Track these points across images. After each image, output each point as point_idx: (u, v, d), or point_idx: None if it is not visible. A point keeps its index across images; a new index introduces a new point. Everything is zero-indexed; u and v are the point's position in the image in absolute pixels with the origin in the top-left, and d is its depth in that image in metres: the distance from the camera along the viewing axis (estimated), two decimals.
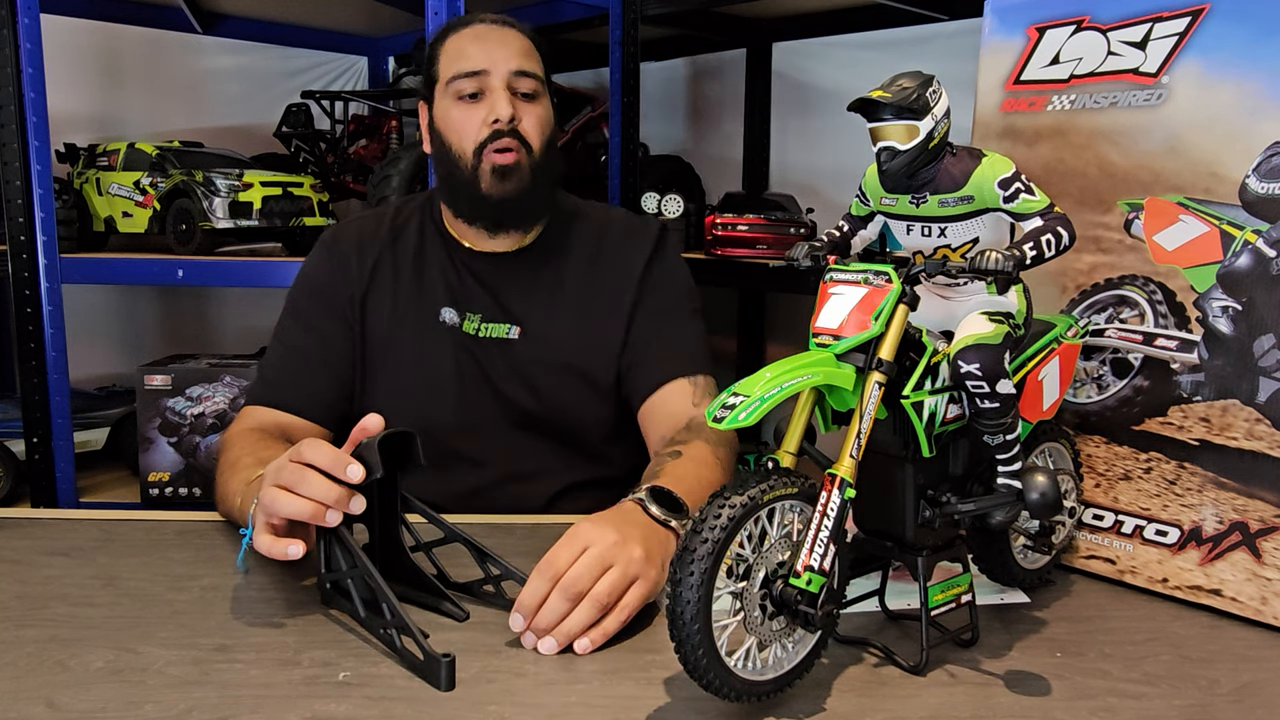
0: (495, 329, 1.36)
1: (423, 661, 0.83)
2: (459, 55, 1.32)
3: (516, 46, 1.33)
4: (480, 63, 1.30)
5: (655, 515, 0.98)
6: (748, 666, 0.75)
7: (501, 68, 1.30)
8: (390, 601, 0.86)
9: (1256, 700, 0.83)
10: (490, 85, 1.30)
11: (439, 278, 1.38)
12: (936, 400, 0.83)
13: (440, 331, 1.36)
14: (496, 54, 1.31)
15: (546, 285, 1.39)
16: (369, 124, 2.36)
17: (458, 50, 1.33)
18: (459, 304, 1.37)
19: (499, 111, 1.29)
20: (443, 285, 1.38)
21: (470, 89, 1.30)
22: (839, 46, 2.40)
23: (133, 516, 1.23)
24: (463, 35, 1.34)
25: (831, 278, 0.82)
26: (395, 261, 1.39)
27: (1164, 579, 1.03)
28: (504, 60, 1.30)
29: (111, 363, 2.56)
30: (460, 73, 1.30)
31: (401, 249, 1.40)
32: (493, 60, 1.30)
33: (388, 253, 1.40)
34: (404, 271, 1.39)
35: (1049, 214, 0.83)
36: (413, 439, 0.95)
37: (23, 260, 1.90)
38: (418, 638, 0.83)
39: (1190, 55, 1.00)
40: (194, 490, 2.04)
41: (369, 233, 1.42)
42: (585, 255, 1.40)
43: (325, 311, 1.38)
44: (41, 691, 0.79)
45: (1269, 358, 0.96)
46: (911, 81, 0.82)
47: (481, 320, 1.36)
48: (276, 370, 1.38)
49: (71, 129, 2.32)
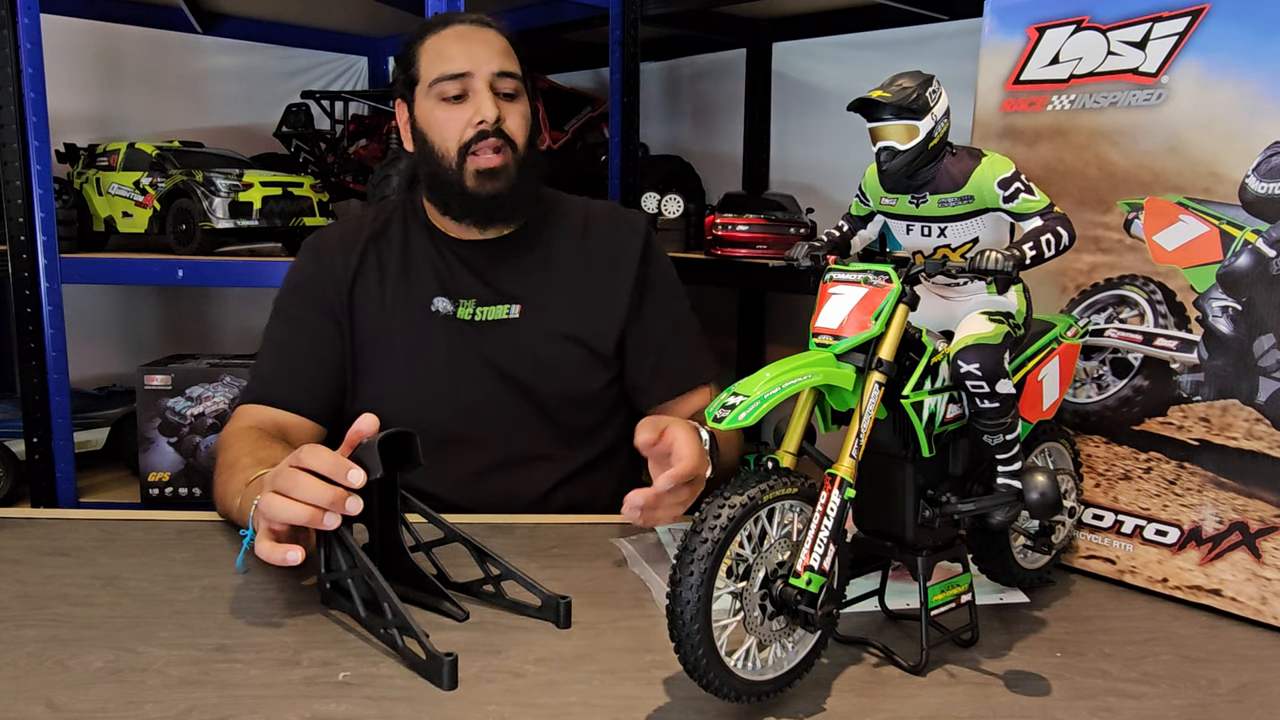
0: (493, 311, 1.38)
1: (425, 661, 0.83)
2: (441, 56, 1.33)
3: (497, 47, 1.34)
4: (463, 64, 1.31)
5: (709, 450, 1.14)
6: (748, 666, 0.75)
7: (484, 69, 1.32)
8: (391, 601, 0.86)
9: (1256, 700, 0.83)
10: (474, 87, 1.32)
11: (427, 269, 1.40)
12: (936, 400, 0.83)
13: (433, 321, 1.38)
14: (479, 55, 1.32)
15: (537, 264, 1.41)
16: (369, 124, 2.36)
17: (439, 51, 1.34)
18: (450, 292, 1.39)
19: (484, 113, 1.31)
20: (432, 276, 1.40)
21: (454, 91, 1.32)
22: (839, 46, 2.40)
23: (133, 516, 1.23)
24: (443, 36, 1.35)
25: (831, 278, 0.82)
26: (380, 258, 1.41)
27: (1164, 579, 1.03)
28: (486, 61, 1.32)
29: (111, 363, 2.56)
30: (444, 75, 1.32)
31: (386, 245, 1.42)
32: (475, 62, 1.32)
33: (372, 250, 1.41)
34: (390, 266, 1.40)
35: (1049, 214, 0.83)
36: (412, 439, 0.95)
37: (23, 260, 1.90)
38: (420, 637, 0.83)
39: (1190, 55, 1.00)
40: (194, 490, 2.04)
41: (350, 233, 1.44)
42: (572, 235, 1.44)
43: (313, 309, 1.39)
44: (41, 691, 0.79)
45: (1269, 358, 0.96)
46: (911, 81, 0.82)
47: (476, 305, 1.38)
48: (269, 369, 1.39)
49: (71, 129, 2.32)
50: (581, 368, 1.40)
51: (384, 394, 1.36)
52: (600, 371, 1.41)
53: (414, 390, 1.37)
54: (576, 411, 1.41)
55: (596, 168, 2.36)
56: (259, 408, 1.34)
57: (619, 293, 1.41)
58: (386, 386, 1.37)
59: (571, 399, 1.40)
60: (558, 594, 0.93)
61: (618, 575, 1.07)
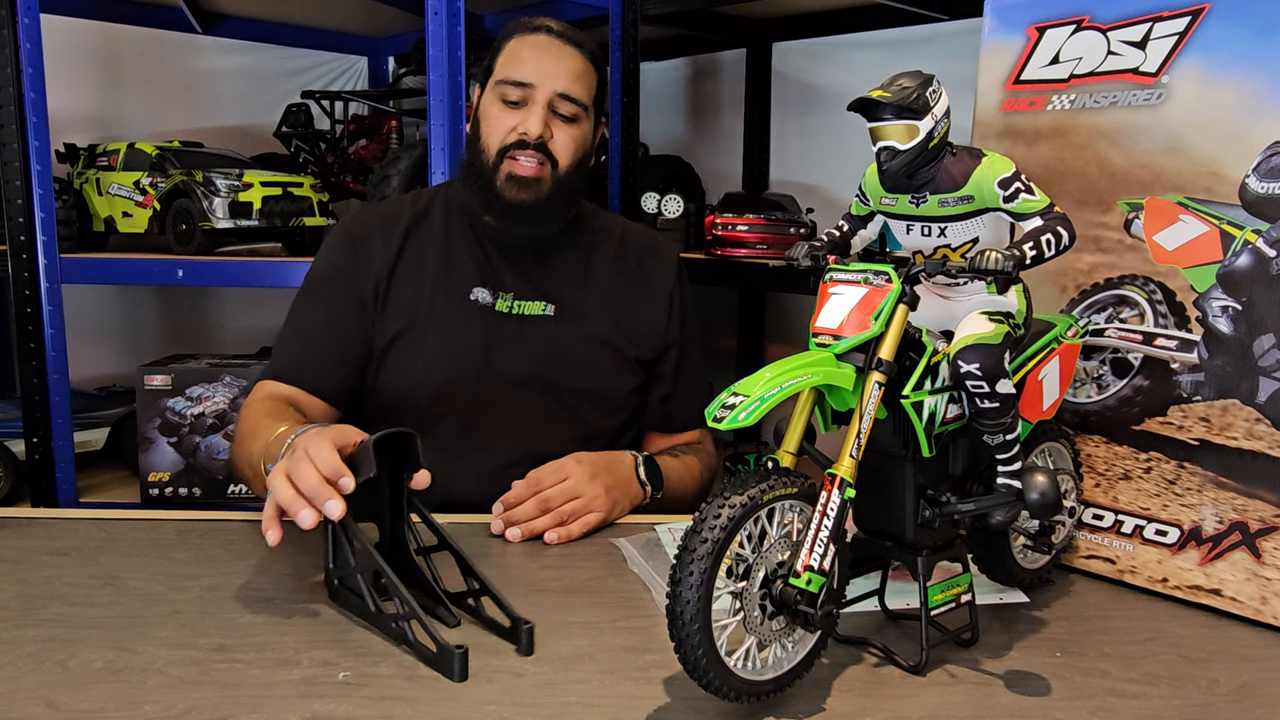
0: (530, 306, 1.41)
1: (435, 653, 0.83)
2: (514, 60, 1.36)
3: (569, 67, 1.36)
4: (529, 75, 1.34)
5: (640, 476, 1.29)
6: (747, 666, 0.75)
7: (547, 85, 1.34)
8: (401, 593, 0.87)
9: (1256, 700, 0.83)
10: (533, 99, 1.34)
11: (468, 259, 1.42)
12: (936, 400, 0.83)
13: (471, 310, 1.40)
14: (548, 70, 1.35)
15: (576, 269, 1.45)
16: (369, 124, 2.36)
17: (514, 55, 1.37)
18: (490, 284, 1.42)
19: (529, 128, 1.34)
20: (472, 266, 1.42)
21: (514, 96, 1.35)
22: (839, 46, 2.40)
23: (133, 516, 1.23)
24: (524, 41, 1.37)
25: (831, 277, 0.82)
26: (420, 245, 1.43)
27: (1164, 579, 1.03)
28: (551, 79, 1.34)
29: (111, 363, 2.56)
30: (508, 79, 1.35)
31: (427, 232, 1.44)
32: (541, 76, 1.34)
33: (413, 236, 1.43)
34: (431, 252, 1.42)
35: (1049, 214, 0.83)
36: (412, 439, 0.95)
37: (23, 260, 1.90)
38: (430, 629, 0.83)
39: (1190, 55, 1.00)
40: (194, 490, 2.04)
41: (389, 217, 1.45)
42: (609, 247, 1.48)
43: (341, 294, 1.40)
44: (41, 691, 0.79)
45: (1269, 357, 0.96)
46: (911, 81, 0.82)
47: (515, 298, 1.41)
48: (292, 350, 1.40)
49: (71, 129, 2.32)
50: (611, 370, 1.44)
51: (416, 375, 1.39)
52: (629, 376, 1.45)
53: (445, 375, 1.38)
54: (602, 412, 1.44)
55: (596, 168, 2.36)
56: (276, 385, 1.36)
57: (658, 312, 1.47)
58: (419, 368, 1.39)
59: (599, 399, 1.43)
60: (524, 618, 0.89)
61: (618, 575, 1.07)
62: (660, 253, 1.51)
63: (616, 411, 1.46)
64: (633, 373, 1.46)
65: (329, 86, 2.85)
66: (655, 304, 1.47)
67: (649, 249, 1.51)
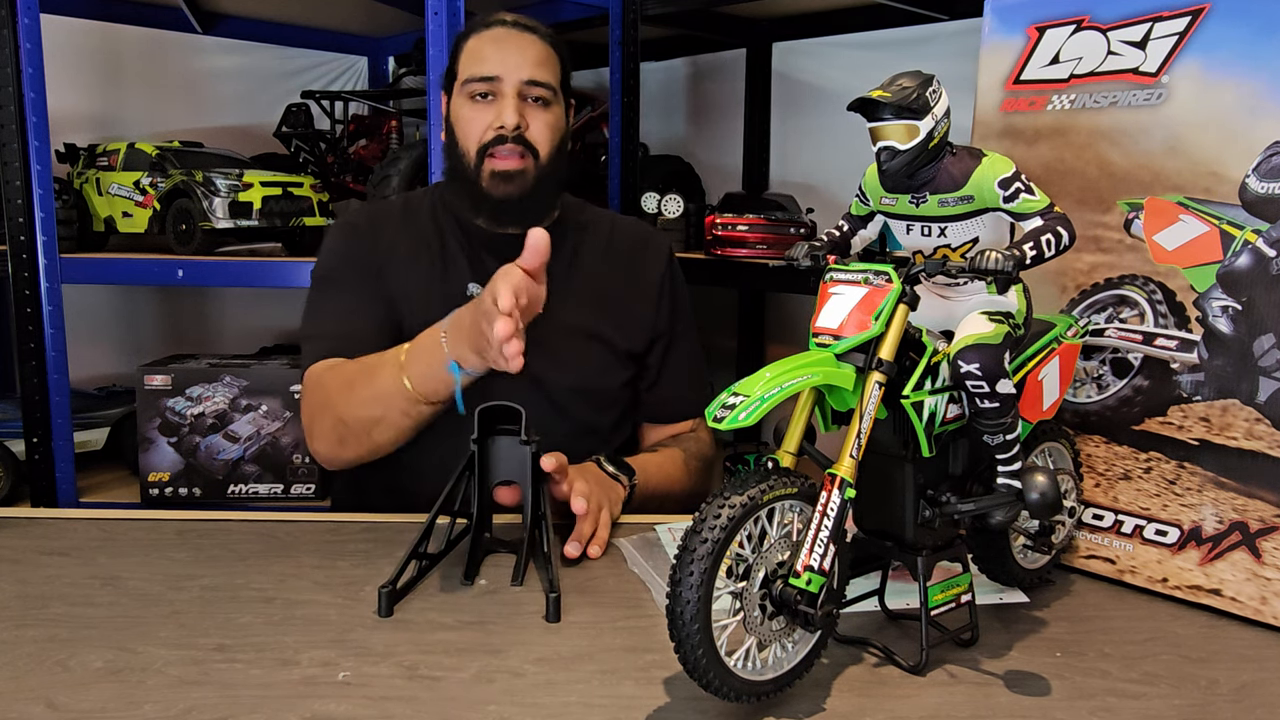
0: None
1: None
2: (476, 57, 1.36)
3: (532, 54, 1.36)
4: (494, 69, 1.34)
5: (607, 469, 1.29)
6: (747, 666, 0.75)
7: (514, 75, 1.34)
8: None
9: (1256, 700, 0.83)
10: (502, 91, 1.35)
11: (461, 256, 1.42)
12: (936, 400, 0.83)
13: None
14: (511, 61, 1.34)
15: (564, 263, 1.43)
16: (369, 124, 2.36)
17: (476, 52, 1.37)
18: (483, 281, 1.40)
19: (505, 120, 1.33)
20: (466, 263, 1.42)
21: (482, 90, 1.35)
22: (839, 46, 2.40)
23: (133, 516, 1.23)
24: (483, 37, 1.38)
25: (831, 277, 0.82)
26: (413, 243, 1.43)
27: (1164, 579, 1.03)
28: (517, 68, 1.34)
29: (111, 363, 2.56)
30: (474, 76, 1.35)
31: (419, 231, 1.44)
32: (506, 67, 1.34)
33: (405, 234, 1.43)
34: (424, 252, 1.42)
35: (1049, 214, 0.83)
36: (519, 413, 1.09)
37: (23, 260, 1.90)
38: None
39: (1190, 55, 1.00)
40: (194, 490, 2.04)
41: (381, 216, 1.46)
42: (597, 242, 1.48)
43: (357, 274, 1.40)
44: (41, 691, 0.79)
45: (1269, 357, 0.96)
46: (911, 81, 0.82)
47: None
48: (332, 328, 1.37)
49: (71, 129, 2.32)
50: (601, 365, 1.43)
51: None
52: (619, 370, 1.45)
53: None
54: (590, 407, 1.43)
55: (596, 168, 2.37)
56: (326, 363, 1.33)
57: (646, 303, 1.46)
58: None
59: (589, 395, 1.42)
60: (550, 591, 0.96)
61: (618, 575, 1.07)
62: (651, 245, 1.51)
63: (608, 407, 1.45)
64: (623, 366, 1.45)
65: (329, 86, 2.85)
66: (644, 295, 1.47)
67: (640, 241, 1.51)
